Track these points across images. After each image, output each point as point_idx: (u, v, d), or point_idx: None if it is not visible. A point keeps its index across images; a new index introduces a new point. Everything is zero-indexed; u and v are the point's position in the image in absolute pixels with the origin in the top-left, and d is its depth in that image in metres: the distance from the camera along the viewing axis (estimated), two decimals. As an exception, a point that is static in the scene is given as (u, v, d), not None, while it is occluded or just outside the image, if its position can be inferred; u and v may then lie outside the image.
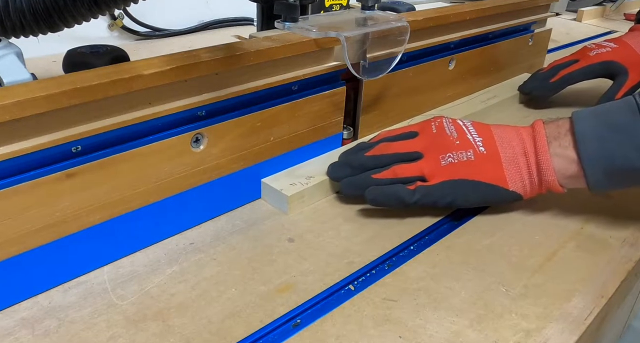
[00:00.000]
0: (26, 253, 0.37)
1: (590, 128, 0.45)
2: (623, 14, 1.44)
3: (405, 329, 0.37)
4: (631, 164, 0.43)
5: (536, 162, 0.47)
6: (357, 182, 0.49)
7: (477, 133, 0.50)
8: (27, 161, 0.36)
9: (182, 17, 1.01)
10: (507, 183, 0.47)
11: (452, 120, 0.52)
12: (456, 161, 0.48)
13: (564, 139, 0.47)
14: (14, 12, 0.41)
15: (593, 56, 0.74)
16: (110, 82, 0.37)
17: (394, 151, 0.50)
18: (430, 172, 0.48)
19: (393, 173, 0.48)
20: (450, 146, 0.49)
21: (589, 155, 0.45)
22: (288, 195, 0.49)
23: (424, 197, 0.47)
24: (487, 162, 0.48)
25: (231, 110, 0.46)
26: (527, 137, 0.48)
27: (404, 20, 0.53)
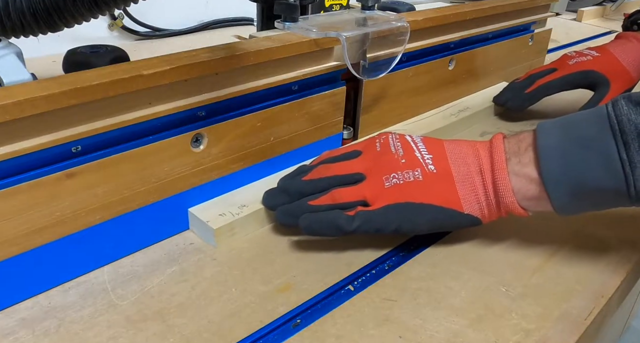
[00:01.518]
0: (26, 253, 0.37)
1: (554, 142, 0.40)
2: (623, 14, 1.44)
3: (405, 329, 0.37)
4: (600, 184, 0.38)
5: (493, 181, 0.42)
6: (292, 209, 0.44)
7: (427, 149, 0.44)
8: (27, 161, 0.36)
9: (182, 17, 1.01)
10: (462, 205, 0.42)
11: (400, 136, 0.46)
12: (402, 182, 0.42)
13: (524, 155, 0.41)
14: (14, 12, 0.41)
15: (572, 65, 0.70)
16: (110, 82, 0.37)
17: (333, 173, 0.45)
18: (372, 196, 0.43)
19: (331, 198, 0.43)
20: (395, 165, 0.43)
21: (552, 174, 0.39)
22: (214, 228, 0.44)
23: (364, 223, 0.42)
24: (438, 182, 0.42)
25: (231, 110, 0.46)
26: (484, 153, 0.43)
27: (404, 20, 0.53)
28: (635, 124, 0.36)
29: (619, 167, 0.37)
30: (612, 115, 0.38)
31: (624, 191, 0.37)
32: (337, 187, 0.44)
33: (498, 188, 0.41)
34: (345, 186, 0.44)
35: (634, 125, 0.36)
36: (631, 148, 0.36)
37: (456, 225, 0.43)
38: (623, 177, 0.37)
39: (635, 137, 0.36)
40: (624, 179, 0.37)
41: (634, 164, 0.36)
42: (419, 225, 0.42)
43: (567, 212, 0.41)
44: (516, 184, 0.41)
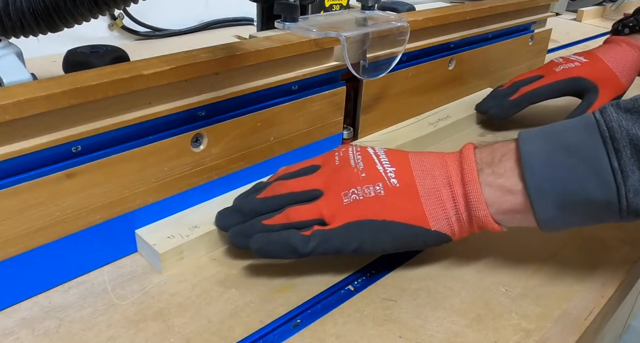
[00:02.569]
0: (26, 253, 0.37)
1: (538, 150, 0.37)
2: (623, 14, 1.44)
3: (405, 329, 0.37)
4: (589, 195, 0.35)
5: (463, 193, 0.39)
6: (245, 230, 0.40)
7: (390, 162, 0.41)
8: (27, 161, 0.36)
9: (182, 17, 1.01)
10: (428, 221, 0.39)
11: (361, 148, 0.43)
12: (361, 198, 0.39)
13: (499, 165, 0.38)
14: (14, 12, 0.41)
15: (559, 72, 0.66)
16: (110, 82, 0.37)
17: (289, 190, 0.42)
18: (330, 213, 0.40)
19: (286, 217, 0.40)
20: (355, 180, 0.40)
21: (536, 184, 0.36)
22: (160, 252, 0.41)
23: (322, 243, 0.38)
24: (401, 197, 0.39)
25: (231, 110, 0.46)
26: (453, 164, 0.40)
27: (404, 20, 0.53)
28: (627, 130, 0.34)
29: (609, 177, 0.34)
30: (602, 122, 0.35)
31: (615, 203, 0.35)
32: (293, 204, 0.41)
33: (469, 201, 0.38)
34: (301, 204, 0.41)
35: (625, 131, 0.34)
36: (623, 156, 0.34)
37: (423, 243, 0.40)
38: (614, 187, 0.34)
39: (627, 144, 0.34)
40: (616, 190, 0.34)
41: (626, 173, 0.34)
42: (381, 244, 0.39)
43: (551, 226, 0.38)
44: (490, 196, 0.38)
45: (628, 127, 0.34)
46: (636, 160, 0.34)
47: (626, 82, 0.66)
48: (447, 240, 0.40)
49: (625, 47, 0.68)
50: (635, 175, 0.34)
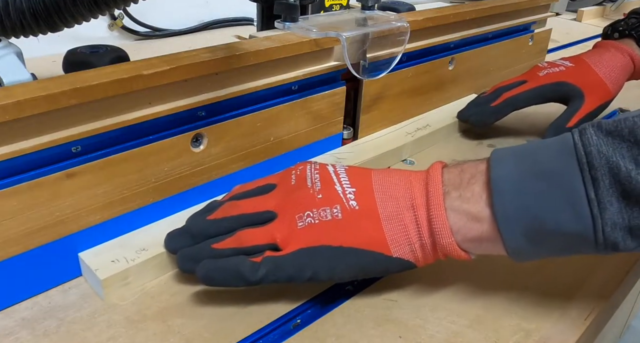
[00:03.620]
0: (26, 253, 0.37)
1: (510, 174, 0.34)
2: (623, 14, 1.44)
3: (405, 329, 0.37)
4: (562, 227, 0.32)
5: (427, 218, 0.36)
6: (193, 254, 0.38)
7: (350, 182, 0.38)
8: (27, 161, 0.36)
9: (182, 17, 1.01)
10: (389, 247, 0.36)
11: (321, 166, 0.40)
12: (317, 221, 0.36)
13: (467, 188, 0.36)
14: (14, 12, 0.41)
15: (542, 76, 0.64)
16: (110, 82, 0.37)
17: (241, 212, 0.39)
18: (283, 238, 0.37)
19: (237, 241, 0.37)
20: (310, 202, 0.37)
21: (506, 211, 0.34)
22: (101, 278, 0.38)
23: (273, 271, 0.36)
24: (360, 221, 0.36)
25: (231, 110, 0.46)
26: (418, 186, 0.37)
27: (404, 20, 0.53)
28: (607, 157, 0.31)
29: (585, 208, 0.31)
30: (580, 146, 0.32)
31: (590, 237, 0.32)
32: (245, 227, 0.38)
33: (433, 227, 0.35)
34: (253, 226, 0.38)
35: (604, 159, 0.31)
36: (600, 185, 0.31)
37: (383, 270, 0.37)
38: (590, 220, 0.31)
39: (605, 172, 0.31)
40: (591, 223, 0.31)
41: (603, 205, 0.31)
42: (338, 272, 0.36)
43: (523, 257, 0.35)
44: (455, 223, 0.35)
45: (608, 154, 0.31)
46: (615, 190, 0.31)
47: (614, 89, 0.63)
48: (411, 267, 0.37)
49: (613, 52, 0.65)
50: (614, 207, 0.31)
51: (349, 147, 0.59)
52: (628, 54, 0.65)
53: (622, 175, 0.30)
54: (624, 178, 0.30)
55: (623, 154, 0.31)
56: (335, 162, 0.55)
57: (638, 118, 0.31)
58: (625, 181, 0.30)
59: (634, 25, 0.67)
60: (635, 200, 0.31)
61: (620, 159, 0.31)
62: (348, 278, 0.37)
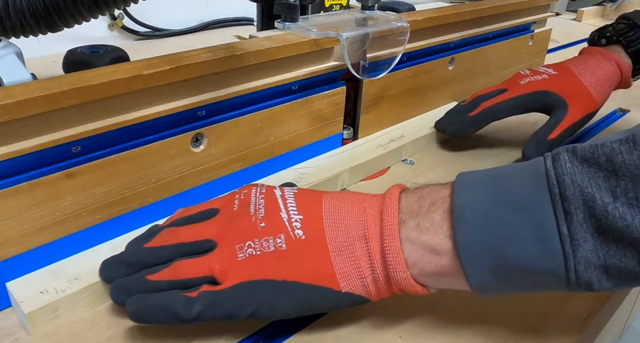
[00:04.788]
0: (26, 253, 0.37)
1: (474, 203, 0.31)
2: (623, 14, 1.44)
3: (405, 329, 0.37)
4: (531, 264, 0.29)
5: (381, 250, 0.33)
6: (127, 286, 0.34)
7: (298, 208, 0.35)
8: (27, 161, 0.36)
9: (182, 17, 1.01)
10: (338, 281, 0.33)
11: (267, 189, 0.37)
12: (258, 253, 0.33)
13: (426, 216, 0.32)
14: (14, 12, 0.41)
15: (523, 85, 0.60)
16: (110, 82, 0.37)
17: (179, 240, 0.36)
18: (222, 270, 0.33)
19: (173, 272, 0.34)
20: (252, 231, 0.34)
21: (469, 244, 0.30)
22: (26, 311, 0.35)
23: (209, 307, 0.32)
24: (306, 252, 0.33)
25: (231, 110, 0.46)
26: (372, 212, 0.34)
27: (404, 20, 0.53)
28: (581, 187, 0.28)
29: (556, 244, 0.29)
30: (552, 174, 0.29)
31: (562, 275, 0.29)
32: (183, 257, 0.35)
33: (387, 259, 0.32)
34: (191, 257, 0.35)
35: (579, 190, 0.28)
36: (574, 220, 0.28)
37: (332, 306, 0.34)
38: (561, 257, 0.28)
39: (579, 205, 0.28)
40: (563, 260, 0.29)
41: (576, 242, 0.28)
42: (280, 309, 0.33)
43: (489, 292, 0.32)
44: (412, 255, 0.32)
45: (583, 184, 0.28)
46: (590, 225, 0.28)
47: (599, 98, 0.60)
48: (363, 302, 0.34)
49: (600, 58, 0.61)
50: (588, 244, 0.28)
51: (314, 161, 0.55)
52: (615, 62, 0.61)
53: (597, 209, 0.27)
54: (599, 213, 0.27)
55: (599, 184, 0.28)
56: (298, 177, 0.51)
57: (617, 143, 0.28)
58: (601, 216, 0.27)
59: (622, 30, 0.63)
60: (611, 237, 0.28)
61: (596, 190, 0.28)
62: (293, 315, 0.34)
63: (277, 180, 0.49)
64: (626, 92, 0.67)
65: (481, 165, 0.59)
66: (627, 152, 0.28)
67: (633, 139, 0.28)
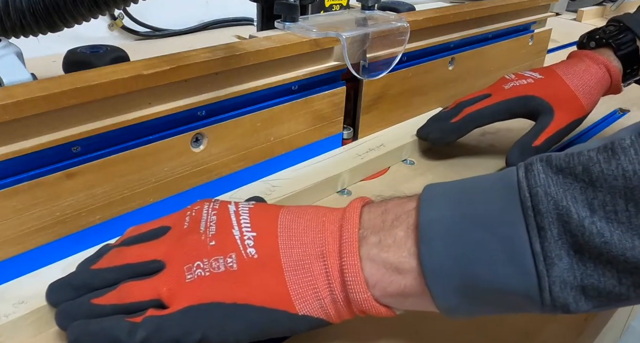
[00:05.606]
0: (26, 253, 0.37)
1: (441, 218, 0.29)
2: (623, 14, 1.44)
3: (405, 329, 0.37)
4: (501, 284, 0.27)
5: (340, 268, 0.30)
6: (72, 310, 0.32)
7: (251, 225, 0.32)
8: (27, 161, 0.36)
9: (182, 17, 1.01)
10: (293, 303, 0.30)
11: (221, 205, 0.35)
12: (208, 274, 0.31)
13: (389, 232, 0.30)
14: (14, 12, 0.41)
15: (508, 90, 0.57)
16: (110, 82, 0.37)
17: (126, 261, 0.33)
18: (170, 293, 0.31)
19: (118, 296, 0.32)
20: (202, 250, 0.32)
21: (435, 265, 0.28)
22: None
23: (154, 333, 0.30)
24: (259, 272, 0.31)
25: (231, 110, 0.46)
26: (331, 228, 0.31)
27: (404, 20, 0.53)
28: (556, 200, 0.26)
29: (529, 263, 0.26)
30: (524, 185, 0.27)
31: (535, 296, 0.27)
32: (130, 279, 0.32)
33: (346, 279, 0.30)
34: (139, 279, 0.32)
35: (553, 203, 0.26)
36: (547, 236, 0.26)
37: (288, 330, 0.31)
38: (534, 277, 0.26)
39: (554, 219, 0.26)
40: (536, 281, 0.26)
41: (550, 260, 0.26)
42: (231, 333, 0.30)
43: (458, 314, 0.30)
44: (372, 274, 0.30)
45: (557, 197, 0.26)
46: (565, 242, 0.26)
47: (587, 104, 0.57)
48: (322, 325, 0.32)
49: (588, 62, 0.59)
50: (563, 262, 0.26)
51: (288, 172, 0.52)
52: (604, 65, 0.58)
53: (573, 224, 0.25)
54: (575, 228, 0.25)
55: (575, 196, 0.26)
56: (268, 190, 0.49)
57: (594, 152, 0.26)
58: (577, 231, 0.25)
59: (612, 33, 0.60)
60: (589, 255, 0.25)
61: (572, 204, 0.26)
62: (246, 340, 0.31)
63: (245, 193, 0.48)
64: (626, 92, 0.66)
65: (483, 163, 0.60)
66: (605, 162, 0.26)
67: (612, 147, 0.26)
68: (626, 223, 0.25)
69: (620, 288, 0.26)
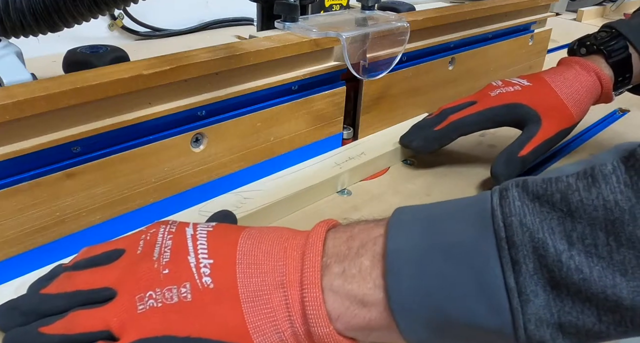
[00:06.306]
0: (26, 253, 0.37)
1: (410, 248, 0.27)
2: (623, 14, 1.44)
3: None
4: (473, 320, 0.25)
5: (301, 300, 0.28)
6: (19, 338, 0.30)
7: (208, 251, 0.30)
8: (27, 161, 0.36)
9: (182, 17, 1.01)
10: (251, 337, 0.28)
11: (178, 228, 0.32)
12: (160, 304, 0.28)
13: (354, 261, 0.28)
14: (14, 12, 0.41)
15: (494, 97, 0.55)
16: (110, 82, 0.37)
17: (77, 287, 0.31)
18: (120, 324, 0.29)
19: (67, 325, 0.29)
20: (154, 278, 0.29)
21: (403, 297, 0.26)
22: None
23: None
24: (214, 303, 0.28)
25: (231, 110, 0.46)
26: (293, 255, 0.29)
27: (404, 20, 0.53)
28: (531, 232, 0.24)
29: (502, 299, 0.24)
30: (498, 214, 0.25)
31: (510, 334, 0.25)
32: (80, 307, 0.30)
33: (307, 312, 0.28)
34: (89, 307, 0.30)
35: (528, 235, 0.24)
36: (522, 270, 0.24)
37: None
38: (508, 314, 0.24)
39: (529, 253, 0.24)
40: (510, 318, 0.24)
41: (525, 296, 0.24)
42: None
43: None
44: (335, 308, 0.28)
45: (533, 227, 0.24)
46: (541, 277, 0.24)
47: (577, 112, 0.55)
48: None
49: (578, 69, 0.56)
50: (539, 299, 0.24)
51: (261, 183, 0.50)
52: (594, 73, 0.56)
53: (549, 258, 0.24)
54: (552, 263, 0.24)
55: (552, 228, 0.24)
56: (239, 202, 0.47)
57: (573, 178, 0.24)
58: (554, 266, 0.23)
59: (604, 39, 0.57)
60: (566, 291, 0.24)
61: (549, 236, 0.24)
62: None
63: (215, 206, 0.46)
64: (626, 92, 0.66)
65: (483, 163, 0.59)
66: (585, 190, 0.24)
67: (592, 173, 0.24)
68: (607, 258, 0.23)
69: (601, 326, 0.24)
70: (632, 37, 0.56)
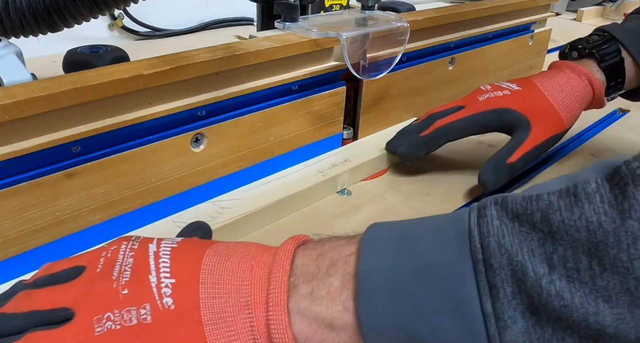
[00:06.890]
0: (26, 253, 0.37)
1: (382, 267, 0.26)
2: (623, 14, 1.44)
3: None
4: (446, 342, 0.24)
5: (266, 322, 0.26)
6: None
7: (171, 270, 0.28)
8: (27, 161, 0.36)
9: (182, 17, 1.01)
10: None
11: (141, 245, 0.30)
12: (118, 327, 0.26)
13: (323, 281, 0.27)
14: (14, 12, 0.41)
15: (482, 102, 0.54)
16: (110, 82, 0.37)
17: (34, 307, 0.29)
18: None
19: None
20: (113, 299, 0.27)
21: (374, 321, 0.25)
22: None
23: None
24: (175, 326, 0.27)
25: (231, 110, 0.46)
26: (259, 274, 0.28)
27: (404, 20, 0.53)
28: (510, 254, 0.23)
29: (479, 325, 0.23)
30: (475, 234, 0.24)
31: None
32: (37, 328, 0.28)
33: (272, 335, 0.26)
34: (46, 328, 0.28)
35: (506, 257, 0.23)
36: (500, 295, 0.23)
37: None
38: (485, 341, 0.23)
39: (507, 276, 0.23)
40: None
41: (502, 322, 0.23)
42: None
43: None
44: (302, 331, 0.26)
45: (512, 249, 0.23)
46: (520, 303, 0.22)
47: (567, 118, 0.53)
48: None
49: (569, 74, 0.55)
50: (518, 326, 0.23)
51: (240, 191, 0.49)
52: (586, 77, 0.54)
53: (529, 283, 0.22)
54: (531, 288, 0.22)
55: (532, 250, 0.22)
56: (216, 212, 0.46)
57: (555, 196, 0.23)
58: (534, 292, 0.22)
59: (596, 42, 0.56)
60: (547, 318, 0.22)
61: (528, 258, 0.22)
62: None
63: (190, 216, 0.45)
64: (626, 92, 0.66)
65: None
66: (567, 209, 0.22)
67: (574, 191, 0.23)
68: (589, 283, 0.21)
69: None
70: (625, 41, 0.55)
